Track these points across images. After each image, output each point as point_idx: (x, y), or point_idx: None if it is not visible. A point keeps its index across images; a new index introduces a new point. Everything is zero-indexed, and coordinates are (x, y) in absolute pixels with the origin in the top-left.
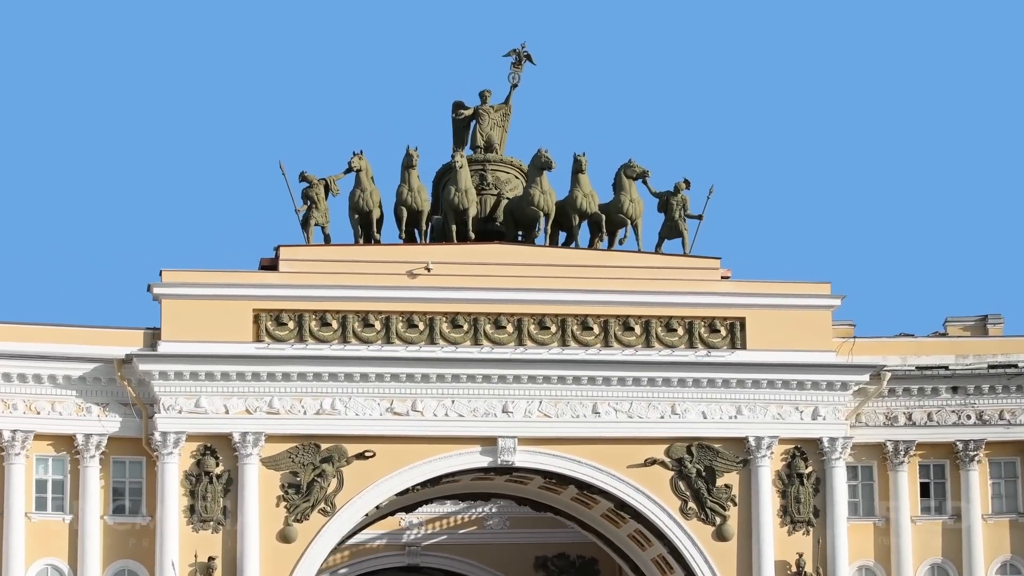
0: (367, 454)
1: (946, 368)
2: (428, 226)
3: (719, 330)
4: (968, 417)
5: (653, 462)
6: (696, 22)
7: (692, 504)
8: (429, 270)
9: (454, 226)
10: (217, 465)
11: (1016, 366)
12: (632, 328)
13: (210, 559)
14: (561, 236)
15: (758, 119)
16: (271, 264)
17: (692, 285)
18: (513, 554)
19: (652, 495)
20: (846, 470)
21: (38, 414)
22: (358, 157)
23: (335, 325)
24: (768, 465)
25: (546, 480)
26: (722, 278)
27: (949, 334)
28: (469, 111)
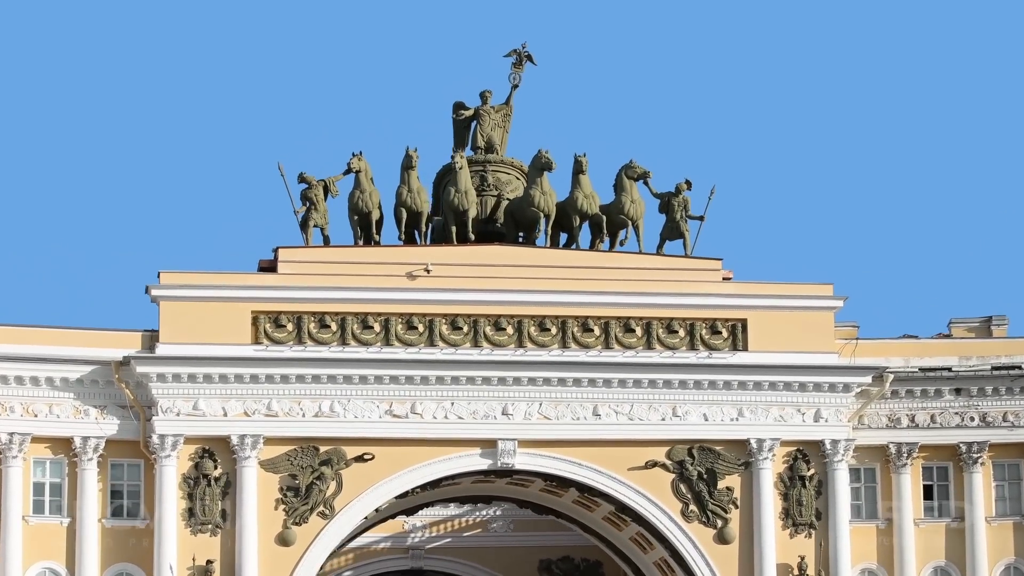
0: (366, 457)
1: (949, 370)
2: (428, 227)
3: (721, 331)
4: (971, 419)
5: (654, 464)
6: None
7: (693, 507)
8: (429, 272)
9: (454, 227)
10: (215, 468)
11: (1020, 367)
12: (633, 330)
13: (208, 562)
14: (562, 237)
15: (760, 119)
16: (270, 266)
17: (693, 286)
18: (517, 557)
19: (653, 498)
20: (848, 472)
21: (35, 417)
22: (357, 158)
23: (334, 327)
24: (770, 467)
25: (547, 483)
26: (724, 279)
27: (953, 335)
28: (470, 112)
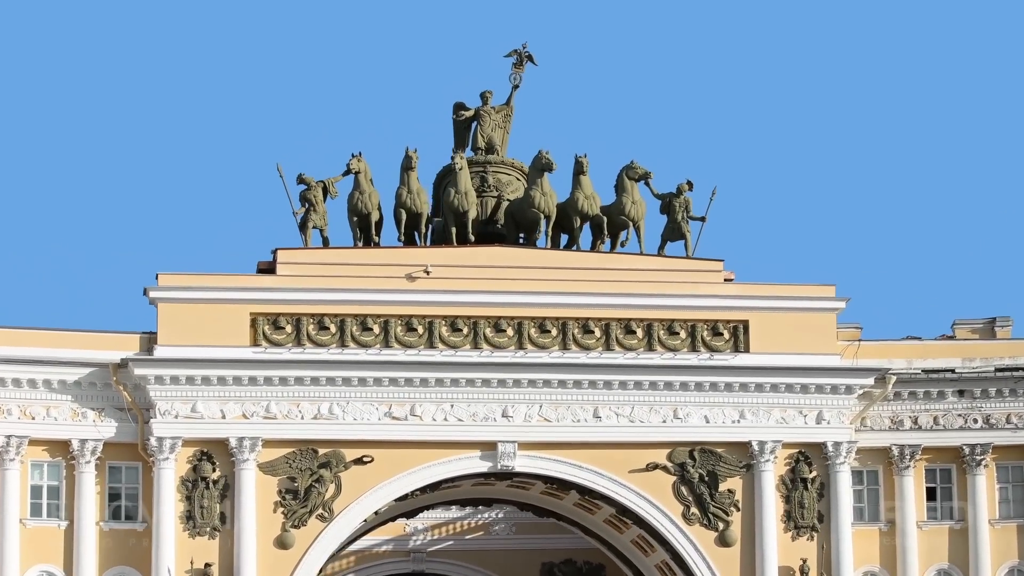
0: (365, 459)
1: (952, 371)
2: (428, 229)
3: (722, 333)
4: (975, 421)
5: (655, 467)
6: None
7: (694, 509)
8: (428, 273)
9: (454, 228)
10: (214, 470)
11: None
12: (634, 331)
13: (207, 565)
14: (563, 238)
15: (761, 120)
16: (268, 267)
17: (695, 288)
18: (519, 560)
19: (654, 500)
20: (851, 474)
21: (33, 419)
22: (357, 159)
23: (333, 329)
24: (771, 470)
25: (547, 485)
26: (725, 280)
27: (957, 337)
28: (470, 112)
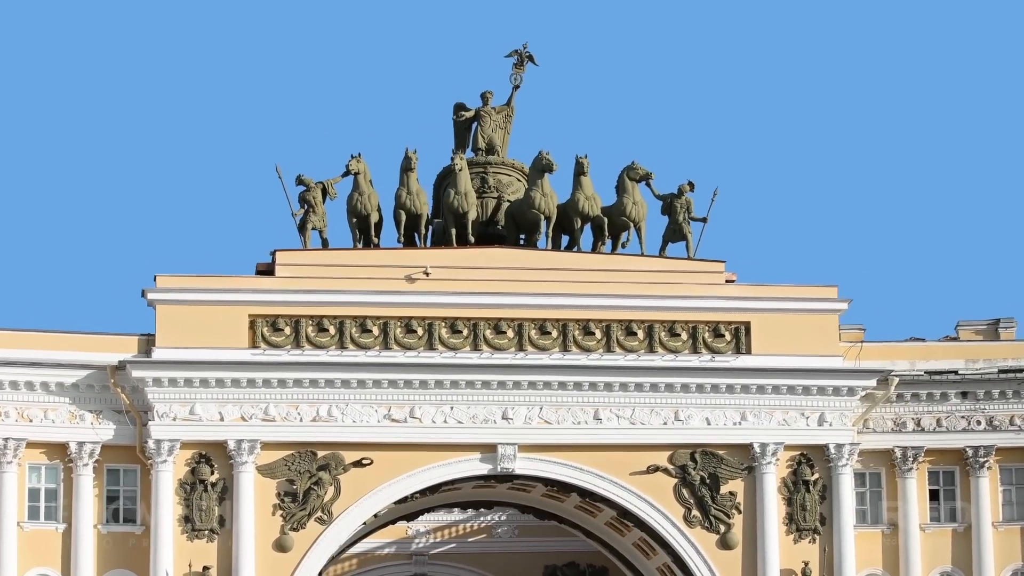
0: (364, 462)
1: (956, 373)
2: (428, 230)
3: (723, 335)
4: (978, 423)
5: (656, 469)
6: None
7: (696, 512)
8: (428, 274)
9: (454, 230)
10: (212, 473)
11: None
12: (635, 333)
13: (205, 568)
14: (564, 240)
15: (763, 120)
16: (267, 269)
17: (696, 289)
18: (522, 563)
19: (655, 503)
20: (853, 477)
21: (30, 422)
22: (356, 160)
23: (332, 331)
24: (773, 472)
25: (548, 488)
26: (727, 282)
27: (961, 338)
28: (470, 113)
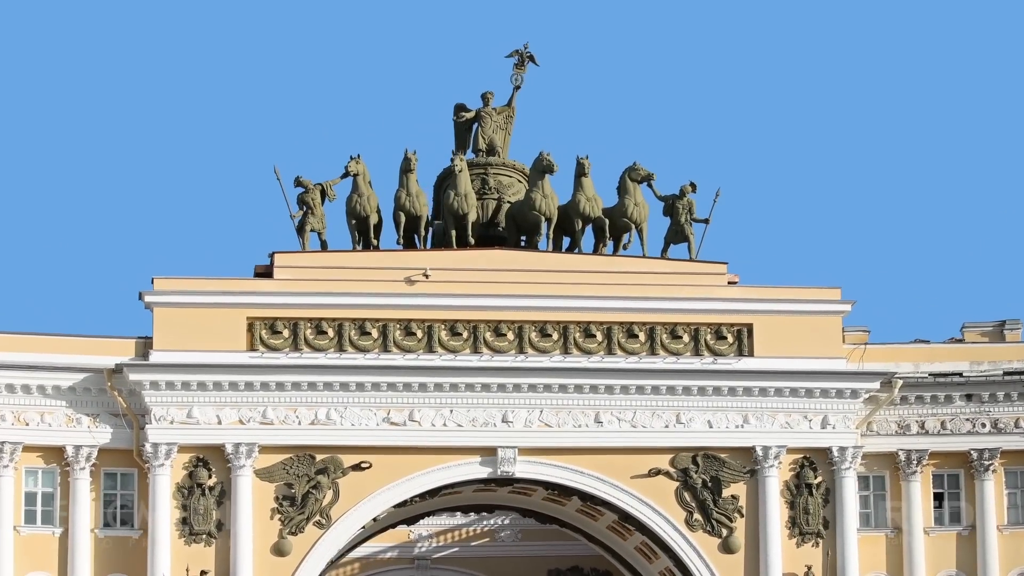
0: (363, 465)
1: (960, 375)
2: (428, 231)
3: (726, 337)
4: (983, 425)
5: (657, 472)
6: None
7: (698, 515)
8: (427, 276)
9: (454, 231)
10: (210, 477)
11: None
12: (636, 335)
13: (203, 573)
14: (565, 241)
15: (765, 120)
16: (266, 271)
17: (698, 291)
18: (525, 567)
19: (657, 506)
20: (857, 480)
21: (27, 425)
22: (355, 161)
23: (331, 333)
24: (776, 475)
25: (549, 491)
26: (729, 283)
27: (966, 340)
28: (471, 113)
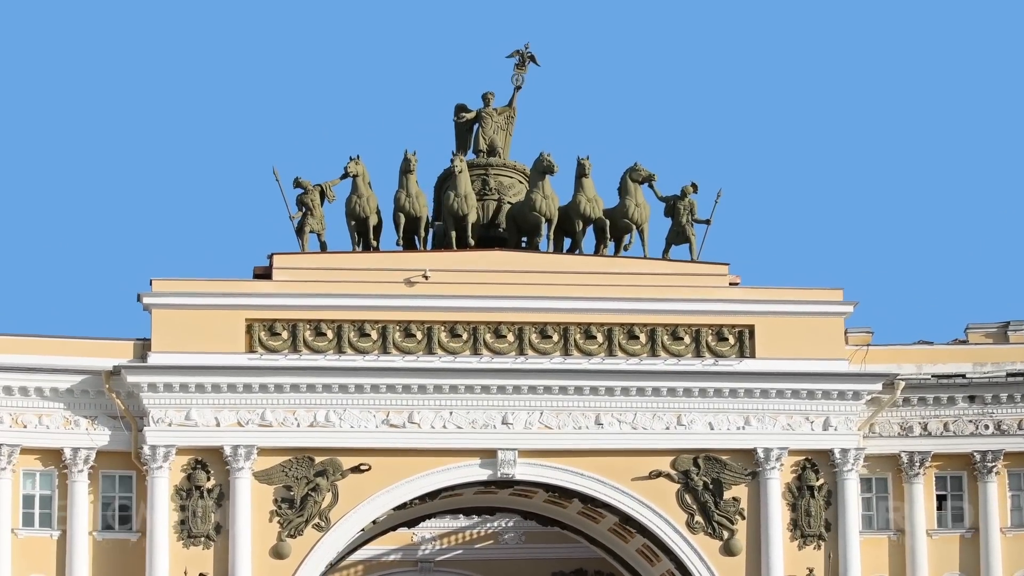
0: (363, 467)
1: (963, 376)
2: (428, 233)
3: (727, 338)
4: (986, 427)
5: (658, 475)
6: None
7: (699, 518)
8: (427, 278)
9: (454, 232)
10: (208, 479)
11: None
12: (637, 337)
13: (201, 575)
14: (566, 242)
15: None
16: (264, 272)
17: (699, 292)
18: (529, 570)
19: (658, 509)
20: (859, 482)
21: (25, 427)
22: (355, 162)
23: (330, 335)
24: (777, 477)
25: (550, 494)
26: (731, 285)
27: (970, 341)
28: (471, 114)
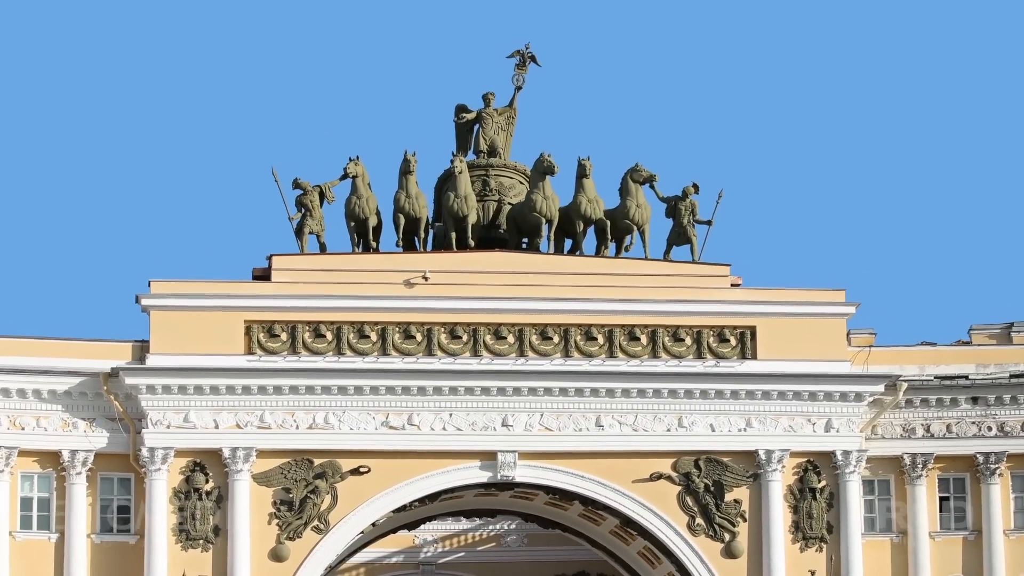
0: (362, 470)
1: (966, 378)
2: (429, 233)
3: (728, 339)
4: (989, 428)
5: (659, 477)
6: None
7: (700, 520)
8: (427, 279)
9: (454, 233)
10: (207, 481)
11: None
12: (638, 338)
13: None
14: (566, 243)
15: (768, 121)
16: (263, 274)
17: (701, 293)
18: (531, 572)
19: (659, 511)
20: (861, 484)
21: (22, 430)
22: (354, 163)
23: (329, 336)
24: (779, 479)
25: (551, 496)
26: (732, 285)
27: (974, 342)
28: (472, 114)
